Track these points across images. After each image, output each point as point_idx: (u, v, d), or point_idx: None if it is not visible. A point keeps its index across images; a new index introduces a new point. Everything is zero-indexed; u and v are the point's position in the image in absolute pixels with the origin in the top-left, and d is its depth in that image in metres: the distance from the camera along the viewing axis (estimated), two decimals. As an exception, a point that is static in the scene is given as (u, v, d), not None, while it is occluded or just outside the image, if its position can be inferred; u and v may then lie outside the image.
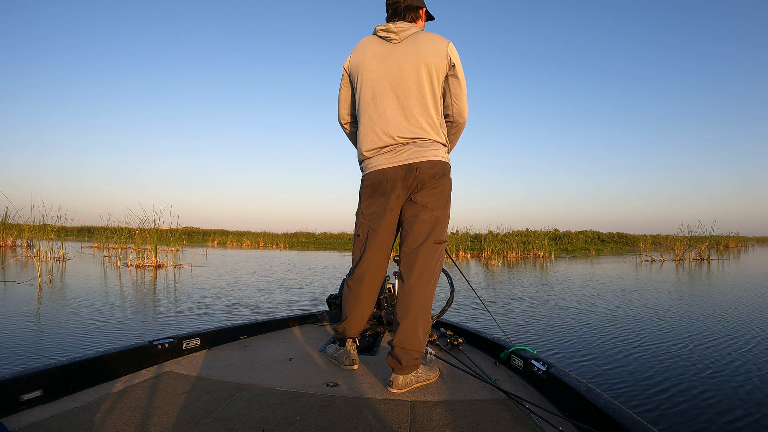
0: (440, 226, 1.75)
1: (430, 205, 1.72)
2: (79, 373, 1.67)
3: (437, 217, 1.74)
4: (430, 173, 1.70)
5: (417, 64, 1.72)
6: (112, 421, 1.42)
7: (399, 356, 1.68)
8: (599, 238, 28.76)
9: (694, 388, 2.42)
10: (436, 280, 1.78)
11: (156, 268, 9.58)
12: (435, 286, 1.78)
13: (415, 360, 1.70)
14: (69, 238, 20.82)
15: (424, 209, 1.72)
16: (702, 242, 15.16)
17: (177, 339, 2.11)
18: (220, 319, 4.29)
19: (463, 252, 16.80)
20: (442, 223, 1.76)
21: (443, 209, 1.76)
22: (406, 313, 1.69)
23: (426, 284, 1.72)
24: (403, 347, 1.68)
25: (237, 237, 30.82)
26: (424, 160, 1.70)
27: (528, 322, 4.26)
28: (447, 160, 1.78)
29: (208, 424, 1.41)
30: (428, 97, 1.73)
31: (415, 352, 1.69)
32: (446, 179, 1.77)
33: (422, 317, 1.71)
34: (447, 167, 1.77)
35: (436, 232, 1.73)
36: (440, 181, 1.73)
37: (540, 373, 1.75)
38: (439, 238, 1.75)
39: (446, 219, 1.78)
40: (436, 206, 1.74)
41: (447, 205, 1.78)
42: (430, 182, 1.71)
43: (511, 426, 1.43)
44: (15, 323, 3.76)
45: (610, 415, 1.29)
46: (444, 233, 1.78)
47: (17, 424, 1.36)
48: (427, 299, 1.73)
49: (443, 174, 1.74)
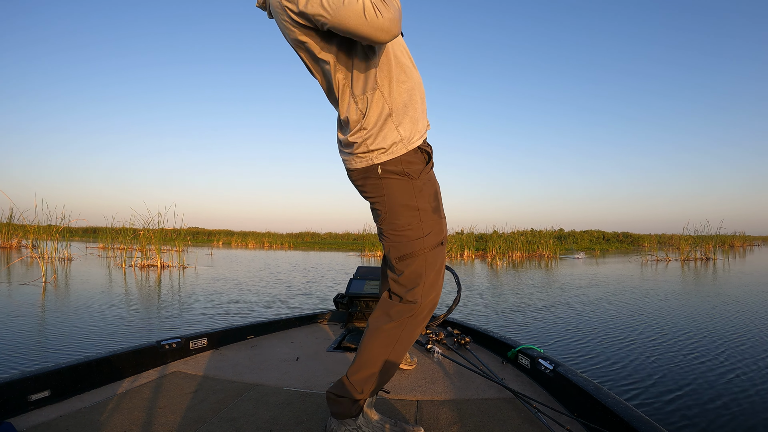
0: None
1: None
2: (87, 374, 1.67)
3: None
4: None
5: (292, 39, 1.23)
6: (119, 421, 1.42)
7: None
8: (604, 237, 28.66)
9: (702, 387, 2.40)
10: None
11: (161, 269, 9.61)
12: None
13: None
14: (74, 239, 20.95)
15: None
16: (707, 241, 15.06)
17: (184, 339, 2.11)
18: (227, 319, 4.29)
19: (467, 252, 16.76)
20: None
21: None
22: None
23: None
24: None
25: (242, 237, 30.89)
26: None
27: (532, 321, 4.24)
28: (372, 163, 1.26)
29: (216, 423, 1.41)
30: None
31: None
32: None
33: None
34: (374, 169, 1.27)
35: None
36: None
37: (547, 372, 1.74)
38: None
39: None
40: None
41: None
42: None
43: (518, 425, 1.42)
44: (21, 323, 3.78)
45: (617, 414, 1.28)
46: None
47: (25, 424, 1.37)
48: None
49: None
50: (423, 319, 1.29)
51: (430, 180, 1.30)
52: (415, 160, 1.24)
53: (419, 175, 1.25)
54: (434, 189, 1.31)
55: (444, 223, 1.33)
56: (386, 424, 1.30)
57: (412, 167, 1.23)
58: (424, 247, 1.25)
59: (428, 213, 1.26)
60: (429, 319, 1.34)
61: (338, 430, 1.27)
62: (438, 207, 1.31)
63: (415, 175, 1.24)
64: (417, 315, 1.27)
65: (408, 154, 1.23)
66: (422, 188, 1.25)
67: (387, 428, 1.29)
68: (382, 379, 1.28)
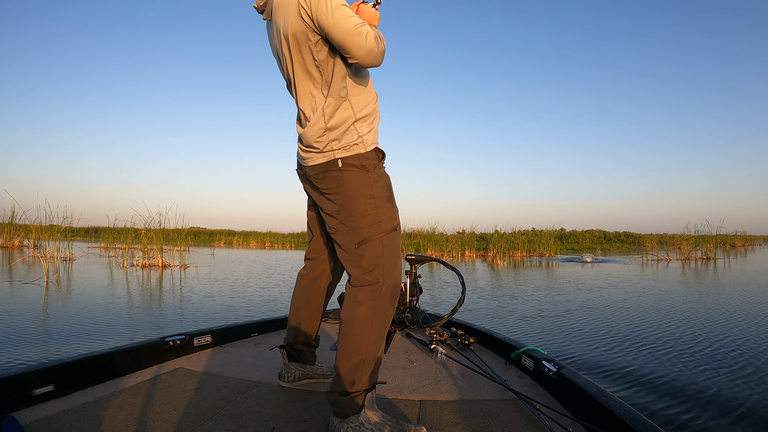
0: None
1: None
2: (91, 369, 1.68)
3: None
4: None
5: (285, 41, 1.40)
6: (122, 417, 1.42)
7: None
8: (605, 237, 28.60)
9: (708, 390, 2.39)
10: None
11: (162, 268, 9.62)
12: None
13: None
14: (76, 239, 20.98)
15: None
16: (708, 241, 15.03)
17: (188, 336, 2.12)
18: (229, 316, 4.30)
19: (468, 251, 16.76)
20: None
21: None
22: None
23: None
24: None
25: (243, 237, 30.90)
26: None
27: (536, 321, 4.23)
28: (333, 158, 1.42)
29: (219, 420, 1.41)
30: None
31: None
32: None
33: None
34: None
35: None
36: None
37: (551, 374, 1.74)
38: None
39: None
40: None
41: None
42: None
43: (521, 426, 1.42)
44: (24, 321, 3.78)
45: (620, 416, 1.28)
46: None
47: (29, 418, 1.37)
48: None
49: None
50: (390, 299, 1.40)
51: (384, 174, 1.47)
52: (371, 157, 1.41)
53: (374, 168, 1.41)
54: (387, 182, 1.47)
55: (396, 211, 1.47)
56: (387, 423, 1.32)
57: (369, 162, 1.40)
58: (380, 231, 1.39)
59: (382, 201, 1.41)
60: (396, 301, 1.44)
61: (340, 428, 1.31)
62: (391, 197, 1.46)
63: (371, 169, 1.40)
64: (383, 295, 1.38)
65: (366, 152, 1.40)
66: (377, 179, 1.41)
67: (388, 427, 1.32)
68: (369, 366, 1.35)
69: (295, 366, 1.75)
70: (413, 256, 2.97)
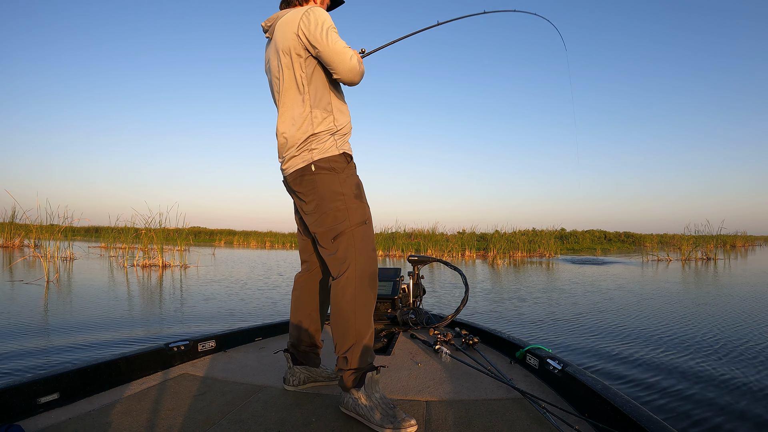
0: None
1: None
2: (96, 376, 1.67)
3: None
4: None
5: (278, 59, 1.59)
6: (128, 424, 1.41)
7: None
8: (606, 237, 28.61)
9: (713, 386, 2.39)
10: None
11: (162, 268, 9.62)
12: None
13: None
14: (76, 238, 20.95)
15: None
16: (709, 241, 15.03)
17: (192, 341, 2.11)
18: (231, 318, 4.29)
19: (468, 251, 16.76)
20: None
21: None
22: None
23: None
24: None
25: (244, 237, 30.92)
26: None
27: (538, 320, 4.23)
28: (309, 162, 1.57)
29: (224, 425, 1.40)
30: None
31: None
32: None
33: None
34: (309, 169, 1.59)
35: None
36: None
37: (556, 372, 1.74)
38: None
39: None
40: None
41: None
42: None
43: (527, 425, 1.41)
44: (26, 323, 3.78)
45: (626, 413, 1.28)
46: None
47: (34, 427, 1.36)
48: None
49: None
50: (369, 286, 1.54)
51: (353, 175, 1.62)
52: (339, 160, 1.57)
53: (343, 170, 1.57)
54: (356, 181, 1.62)
55: (366, 206, 1.60)
56: (381, 405, 1.44)
57: (338, 164, 1.56)
58: (350, 225, 1.54)
59: (351, 198, 1.55)
60: (376, 288, 1.58)
61: (343, 399, 1.50)
62: (359, 194, 1.60)
63: (341, 170, 1.56)
64: (359, 280, 1.52)
65: (335, 156, 1.56)
66: (345, 179, 1.56)
67: (380, 409, 1.42)
68: (359, 347, 1.50)
69: (299, 369, 1.75)
70: (416, 257, 2.95)
